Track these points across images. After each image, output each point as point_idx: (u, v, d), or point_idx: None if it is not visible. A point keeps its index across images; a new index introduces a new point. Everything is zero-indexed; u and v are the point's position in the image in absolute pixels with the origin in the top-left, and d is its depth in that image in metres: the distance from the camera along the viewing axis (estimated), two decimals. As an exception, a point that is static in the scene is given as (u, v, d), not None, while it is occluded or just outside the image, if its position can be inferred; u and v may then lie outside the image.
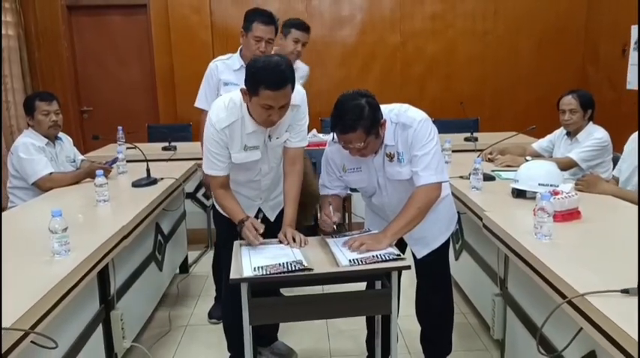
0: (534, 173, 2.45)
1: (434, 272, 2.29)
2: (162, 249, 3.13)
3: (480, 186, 2.61)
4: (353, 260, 1.83)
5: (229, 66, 2.85)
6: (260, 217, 2.09)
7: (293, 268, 1.77)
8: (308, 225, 2.17)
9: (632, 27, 4.78)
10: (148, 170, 3.04)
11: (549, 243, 1.85)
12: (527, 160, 2.87)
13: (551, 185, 2.33)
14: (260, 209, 2.35)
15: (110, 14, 5.62)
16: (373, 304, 1.96)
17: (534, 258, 1.76)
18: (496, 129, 4.79)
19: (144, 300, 2.82)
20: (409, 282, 2.44)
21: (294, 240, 2.02)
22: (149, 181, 2.98)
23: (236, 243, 2.06)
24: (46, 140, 3.06)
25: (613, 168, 2.96)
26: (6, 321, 1.35)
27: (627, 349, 1.24)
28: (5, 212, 2.62)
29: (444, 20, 5.61)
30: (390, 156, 2.04)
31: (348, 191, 2.37)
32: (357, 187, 2.23)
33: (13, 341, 1.36)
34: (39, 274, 1.69)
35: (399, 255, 1.87)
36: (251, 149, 2.11)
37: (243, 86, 1.96)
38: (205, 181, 2.66)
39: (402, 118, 2.00)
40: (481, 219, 2.32)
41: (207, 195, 4.03)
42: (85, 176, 3.05)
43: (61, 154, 3.19)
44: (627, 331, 1.24)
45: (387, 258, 1.85)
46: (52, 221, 1.80)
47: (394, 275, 1.86)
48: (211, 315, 3.11)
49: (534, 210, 1.90)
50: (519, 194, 2.47)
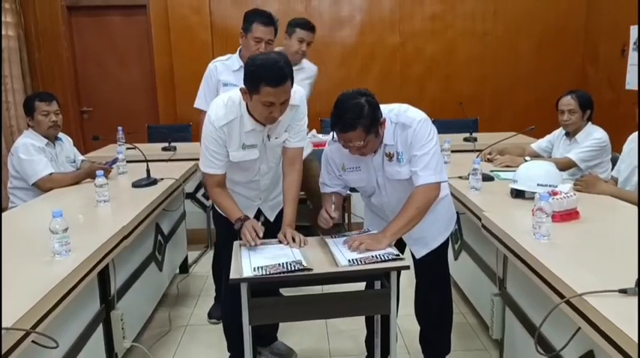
0: (533, 173, 2.46)
1: (433, 272, 2.30)
2: (162, 249, 3.14)
3: (479, 187, 2.62)
4: (352, 260, 1.83)
5: (228, 66, 2.84)
6: (261, 220, 2.09)
7: (292, 268, 1.78)
8: (305, 225, 2.17)
9: (631, 27, 4.78)
10: (148, 170, 3.05)
11: (548, 243, 1.85)
12: (526, 160, 2.87)
13: (550, 185, 2.34)
14: (260, 209, 2.36)
15: (110, 15, 5.62)
16: (372, 304, 1.97)
17: (533, 258, 1.76)
18: (495, 129, 4.80)
19: (144, 300, 2.82)
20: (408, 282, 2.45)
21: (293, 240, 2.03)
22: (149, 181, 2.98)
23: (236, 243, 2.06)
24: (46, 140, 3.07)
25: (612, 168, 2.97)
26: (7, 321, 1.35)
27: (625, 349, 1.24)
28: (6, 212, 2.63)
29: (444, 21, 5.62)
30: (390, 155, 2.05)
31: (348, 191, 2.37)
32: (357, 186, 2.23)
33: (15, 340, 1.37)
34: (39, 274, 1.70)
35: (398, 255, 1.88)
36: (249, 148, 2.11)
37: (242, 87, 1.97)
38: (204, 181, 2.66)
39: (402, 118, 2.00)
40: (480, 219, 2.33)
41: (206, 196, 4.03)
42: (85, 176, 3.06)
43: (61, 155, 3.19)
44: (625, 331, 1.24)
45: (386, 258, 1.85)
46: (53, 221, 1.80)
47: (393, 275, 1.87)
48: (211, 315, 3.11)
49: (533, 211, 1.90)
50: (518, 194, 2.47)
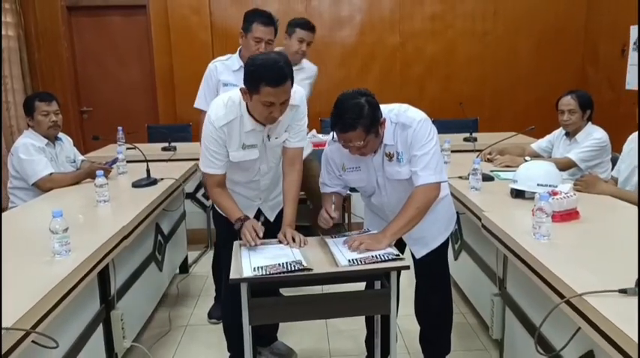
0: (533, 173, 2.46)
1: (433, 272, 2.30)
2: (162, 249, 3.14)
3: (479, 187, 2.62)
4: (352, 260, 1.83)
5: (228, 66, 2.84)
6: (261, 221, 2.09)
7: (292, 268, 1.78)
8: (305, 225, 2.17)
9: (631, 27, 4.79)
10: (148, 170, 3.05)
11: (548, 243, 1.85)
12: (526, 160, 2.87)
13: (549, 185, 2.34)
14: (260, 210, 2.36)
15: (110, 15, 5.63)
16: (372, 304, 1.97)
17: (533, 258, 1.76)
18: (495, 129, 4.80)
19: (144, 300, 2.82)
20: (408, 282, 2.45)
21: (293, 240, 2.03)
22: (149, 181, 2.98)
23: (236, 243, 2.06)
24: (46, 140, 3.07)
25: (612, 168, 2.97)
26: (7, 321, 1.35)
27: (625, 349, 1.24)
28: (6, 212, 2.63)
29: (444, 21, 5.62)
30: (390, 155, 2.05)
31: (348, 191, 2.37)
32: (357, 186, 2.23)
33: (15, 340, 1.37)
34: (40, 274, 1.70)
35: (398, 255, 1.88)
36: (249, 148, 2.11)
37: (242, 87, 1.97)
38: (204, 181, 2.66)
39: (402, 118, 2.00)
40: (480, 220, 2.33)
41: (206, 196, 4.03)
42: (85, 176, 3.06)
43: (61, 155, 3.19)
44: (625, 331, 1.24)
45: (386, 258, 1.85)
46: (53, 221, 1.80)
47: (393, 275, 1.87)
48: (211, 315, 3.11)
49: (533, 211, 1.90)
50: (518, 194, 2.47)
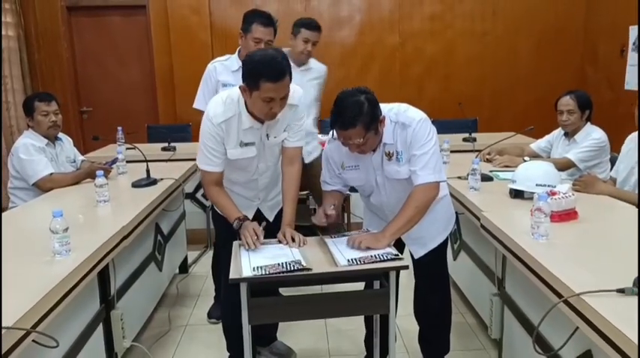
0: (532, 173, 2.46)
1: (432, 272, 2.30)
2: (162, 249, 3.14)
3: (478, 187, 2.62)
4: (351, 259, 1.84)
5: (228, 67, 2.85)
6: (263, 225, 2.09)
7: (292, 268, 1.78)
8: (304, 225, 2.17)
9: (630, 28, 4.79)
10: (148, 170, 3.05)
11: (546, 243, 1.85)
12: (525, 161, 2.88)
13: (548, 185, 2.34)
14: (259, 210, 2.37)
15: (110, 15, 5.63)
16: (371, 304, 1.98)
17: (531, 258, 1.77)
18: (495, 129, 4.80)
19: (144, 300, 2.83)
20: (407, 282, 2.46)
21: (293, 240, 2.03)
22: (149, 182, 2.99)
23: (235, 243, 2.07)
24: (46, 140, 3.08)
25: (611, 168, 2.97)
26: (8, 320, 1.36)
27: (623, 348, 1.25)
28: (6, 212, 2.63)
29: (443, 21, 5.62)
30: (389, 154, 2.06)
31: (348, 190, 2.38)
32: (355, 185, 2.24)
33: (15, 340, 1.37)
34: (40, 274, 1.71)
35: (397, 255, 1.89)
36: (247, 145, 2.12)
37: (241, 84, 1.97)
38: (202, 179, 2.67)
39: (402, 118, 2.01)
40: (479, 220, 2.33)
41: (206, 196, 4.03)
42: (85, 176, 3.06)
43: (61, 155, 3.19)
44: (623, 330, 1.25)
45: (385, 258, 1.86)
46: (53, 221, 1.81)
47: (392, 275, 1.88)
48: (211, 315, 3.12)
49: (531, 211, 1.90)
50: (517, 194, 2.48)
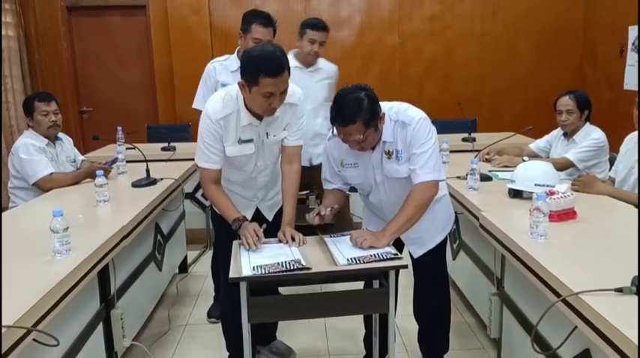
0: (531, 173, 2.46)
1: (431, 272, 2.31)
2: (161, 249, 3.15)
3: (477, 187, 2.62)
4: (351, 259, 1.85)
5: (227, 67, 2.85)
6: (264, 227, 2.09)
7: (291, 267, 1.79)
8: (304, 225, 2.17)
9: (629, 28, 4.80)
10: (148, 170, 3.05)
11: (545, 243, 1.86)
12: (524, 160, 2.88)
13: (547, 185, 2.35)
14: (258, 209, 2.37)
15: (110, 15, 5.63)
16: (371, 303, 1.98)
17: (530, 258, 1.78)
18: (494, 129, 4.80)
19: (144, 300, 2.83)
20: (407, 281, 2.46)
21: (292, 239, 2.04)
22: (149, 181, 2.99)
23: (235, 243, 2.07)
24: (46, 140, 3.08)
25: (610, 168, 2.98)
26: (8, 319, 1.36)
27: (621, 347, 1.25)
28: (6, 212, 2.64)
29: (443, 21, 5.62)
30: (389, 153, 2.06)
31: (348, 190, 2.38)
32: (354, 184, 2.24)
33: (16, 338, 1.38)
34: (40, 273, 1.71)
35: (397, 255, 1.89)
36: (245, 142, 2.12)
37: (240, 81, 1.98)
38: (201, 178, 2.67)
39: (402, 116, 2.02)
40: (478, 219, 2.34)
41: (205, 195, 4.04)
42: (85, 176, 3.07)
43: (62, 154, 3.20)
44: (621, 329, 1.25)
45: (385, 258, 1.86)
46: (54, 221, 1.81)
47: (392, 274, 1.88)
48: (210, 315, 3.13)
49: (530, 210, 1.91)
50: (516, 194, 2.48)
